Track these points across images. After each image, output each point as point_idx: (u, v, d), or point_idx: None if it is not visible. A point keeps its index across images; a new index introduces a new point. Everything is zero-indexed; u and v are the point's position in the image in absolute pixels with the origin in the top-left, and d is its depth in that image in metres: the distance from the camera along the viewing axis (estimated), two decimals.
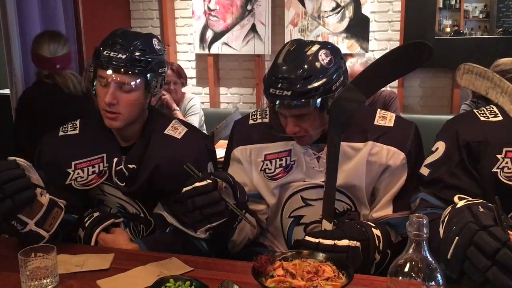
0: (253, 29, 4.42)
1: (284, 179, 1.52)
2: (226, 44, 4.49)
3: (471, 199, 1.17)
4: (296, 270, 1.13)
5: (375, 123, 1.50)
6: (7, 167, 1.31)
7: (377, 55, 4.26)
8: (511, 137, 1.32)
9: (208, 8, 4.52)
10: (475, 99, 3.18)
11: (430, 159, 1.42)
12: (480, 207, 1.08)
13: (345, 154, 1.45)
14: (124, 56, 1.44)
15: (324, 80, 1.38)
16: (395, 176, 1.48)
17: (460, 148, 1.36)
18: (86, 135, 1.60)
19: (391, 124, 1.50)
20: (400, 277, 0.87)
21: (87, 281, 1.22)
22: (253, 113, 1.64)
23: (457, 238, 1.03)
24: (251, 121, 1.62)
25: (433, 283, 0.86)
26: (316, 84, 1.36)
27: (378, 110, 1.57)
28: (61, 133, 1.63)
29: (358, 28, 4.19)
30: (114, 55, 1.44)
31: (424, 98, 4.32)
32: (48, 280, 1.19)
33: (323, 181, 1.45)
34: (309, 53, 1.39)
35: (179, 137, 1.59)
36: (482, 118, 1.40)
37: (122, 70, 1.45)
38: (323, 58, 1.39)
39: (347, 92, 1.39)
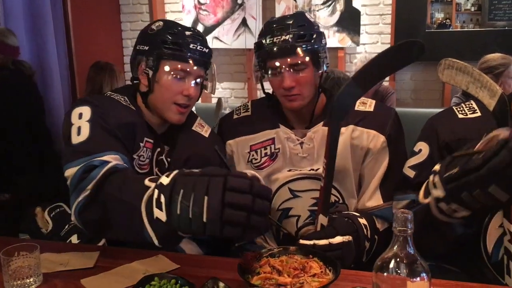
0: (243, 23, 4.40)
1: (270, 168, 1.56)
2: (216, 38, 4.47)
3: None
4: (283, 267, 1.12)
5: (356, 108, 1.55)
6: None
7: (368, 48, 4.26)
8: (489, 132, 1.32)
9: (198, 2, 4.50)
10: (466, 92, 3.18)
11: (414, 161, 1.43)
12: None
13: None
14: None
15: (316, 31, 1.50)
16: (378, 160, 1.52)
17: (441, 149, 1.39)
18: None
19: (371, 109, 1.56)
20: (385, 273, 0.86)
21: (72, 280, 1.20)
22: (237, 109, 1.70)
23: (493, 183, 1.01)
24: (235, 116, 1.68)
25: (418, 278, 0.85)
26: (310, 31, 1.48)
27: None
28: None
29: (349, 21, 4.18)
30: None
31: (415, 92, 4.32)
32: (31, 280, 1.17)
33: (309, 170, 1.52)
34: (297, 13, 1.56)
35: (206, 135, 1.61)
36: (460, 116, 1.41)
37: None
38: (310, 17, 1.56)
39: (348, 87, 1.42)
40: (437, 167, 1.17)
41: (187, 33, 1.48)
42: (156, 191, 1.07)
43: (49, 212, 1.59)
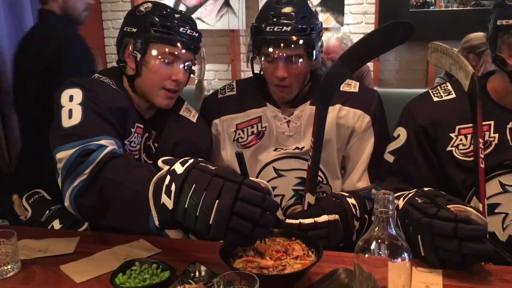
0: (226, 3, 4.33)
1: (257, 146, 1.56)
2: (199, 19, 4.40)
3: (405, 192, 1.27)
4: (265, 250, 1.11)
5: (341, 89, 1.55)
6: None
7: (353, 28, 4.24)
8: (464, 114, 1.34)
9: None
10: (449, 73, 3.19)
11: (393, 146, 1.46)
12: (417, 198, 1.19)
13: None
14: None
15: (316, 24, 1.49)
16: (363, 141, 1.54)
17: (418, 133, 1.41)
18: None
19: (356, 90, 1.58)
20: (367, 254, 0.86)
21: (51, 266, 1.18)
22: (221, 88, 1.69)
23: (419, 236, 1.12)
24: (220, 95, 1.67)
25: (399, 259, 0.84)
26: (312, 24, 1.46)
27: None
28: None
29: (333, 1, 4.14)
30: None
31: (400, 72, 4.32)
32: (9, 267, 1.15)
33: (294, 149, 1.53)
34: (301, 0, 1.51)
35: (194, 120, 1.59)
36: (435, 99, 1.43)
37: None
38: (311, 6, 1.53)
39: (335, 68, 1.44)
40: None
41: (177, 15, 1.45)
42: (168, 177, 1.05)
43: (27, 199, 1.56)
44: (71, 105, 1.32)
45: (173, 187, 1.02)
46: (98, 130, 1.28)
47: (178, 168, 1.05)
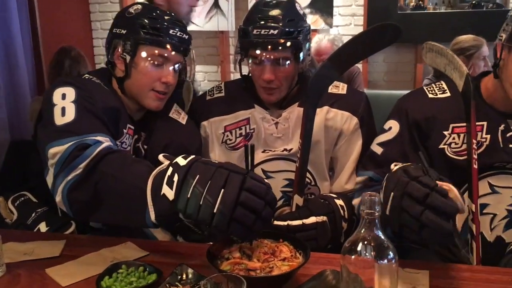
0: (216, 4, 4.33)
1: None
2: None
3: (405, 164, 1.20)
4: (253, 251, 1.11)
5: (329, 91, 1.56)
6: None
7: (342, 30, 4.25)
8: (458, 113, 1.35)
9: None
10: (437, 74, 3.22)
11: (383, 138, 1.45)
12: (412, 166, 1.12)
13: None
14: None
15: (304, 27, 1.49)
16: (351, 142, 1.55)
17: (410, 128, 1.41)
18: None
19: (344, 92, 1.59)
20: (353, 255, 0.86)
21: (36, 269, 1.17)
22: (209, 90, 1.68)
23: (392, 193, 1.05)
24: (208, 97, 1.67)
25: (385, 260, 0.85)
26: (299, 27, 1.46)
27: None
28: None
29: (322, 3, 4.16)
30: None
31: (388, 74, 4.34)
32: None
33: (282, 150, 1.53)
34: (287, 2, 1.51)
35: (184, 122, 1.59)
36: (430, 95, 1.43)
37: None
38: (299, 8, 1.53)
39: (324, 69, 1.44)
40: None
41: (166, 17, 1.45)
42: (171, 168, 1.05)
43: (12, 202, 1.54)
44: (64, 103, 1.30)
45: (175, 178, 1.03)
46: (93, 128, 1.27)
47: (181, 161, 1.06)
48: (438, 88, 1.44)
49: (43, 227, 1.47)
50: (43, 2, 3.56)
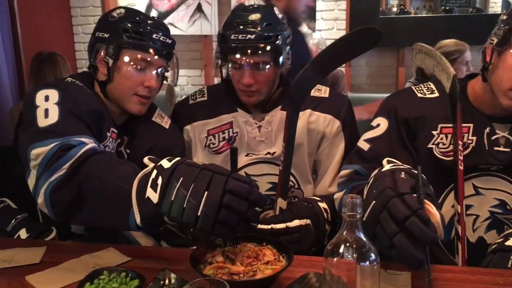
0: (199, 8, 4.32)
1: (229, 152, 1.52)
2: (171, 24, 4.37)
3: (398, 163, 1.19)
4: (236, 255, 1.11)
5: (311, 94, 1.56)
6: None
7: (324, 34, 4.28)
8: (446, 113, 1.35)
9: None
10: (419, 77, 3.26)
11: (370, 134, 1.44)
12: (403, 172, 1.08)
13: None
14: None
15: (282, 31, 1.49)
16: (334, 145, 1.56)
17: (399, 125, 1.40)
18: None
19: (326, 95, 1.60)
20: (335, 258, 0.86)
21: (16, 277, 1.15)
22: (192, 94, 1.68)
23: (374, 202, 1.03)
24: (191, 101, 1.66)
25: (367, 262, 0.85)
26: (277, 32, 1.46)
27: None
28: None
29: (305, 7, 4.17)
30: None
31: (370, 77, 4.38)
32: None
33: (266, 154, 1.54)
34: (266, 7, 1.54)
35: (167, 127, 1.58)
36: (419, 95, 1.43)
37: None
38: (278, 13, 1.53)
39: (306, 72, 1.44)
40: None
41: (149, 22, 1.44)
42: (155, 171, 1.05)
43: None
44: (47, 104, 1.29)
45: (159, 181, 1.02)
46: (77, 129, 1.26)
47: (165, 163, 1.05)
48: (426, 88, 1.45)
49: (23, 233, 1.45)
50: (24, 7, 3.52)
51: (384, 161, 1.21)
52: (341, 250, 0.86)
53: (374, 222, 1.01)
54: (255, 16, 1.46)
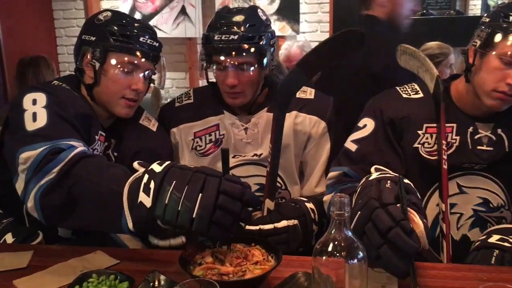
0: (183, 11, 4.32)
1: (216, 154, 1.57)
2: (155, 27, 4.28)
3: (386, 171, 1.20)
4: (225, 256, 1.12)
5: (297, 96, 1.57)
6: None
7: (308, 36, 4.31)
8: (431, 113, 1.38)
9: None
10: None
11: (357, 135, 1.46)
12: (389, 182, 1.08)
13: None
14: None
15: (266, 32, 1.50)
16: (320, 146, 1.57)
17: (385, 125, 1.42)
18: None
19: (312, 97, 1.61)
20: (324, 256, 0.87)
21: (3, 281, 1.14)
22: (178, 97, 1.68)
23: (359, 212, 1.04)
24: (177, 104, 1.66)
25: (355, 260, 0.86)
26: (261, 32, 1.48)
27: None
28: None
29: (289, 10, 4.21)
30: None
31: None
32: None
33: (253, 156, 1.54)
34: (249, 9, 1.55)
35: (154, 129, 1.58)
36: (404, 96, 1.46)
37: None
38: (262, 14, 1.55)
39: (293, 74, 1.45)
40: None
41: (136, 25, 1.44)
42: (147, 175, 1.05)
43: None
44: (35, 108, 1.28)
45: (152, 185, 1.02)
46: (66, 133, 1.25)
47: (156, 167, 1.05)
48: (411, 89, 1.48)
49: (9, 238, 1.43)
50: (4, 10, 3.48)
51: (372, 169, 1.23)
52: (329, 249, 0.87)
53: (360, 233, 1.02)
54: (238, 18, 1.48)
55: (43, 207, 1.17)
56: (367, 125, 1.45)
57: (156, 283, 1.07)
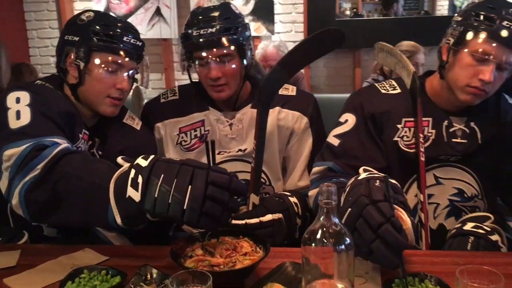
0: (158, 12, 4.32)
1: (201, 149, 1.59)
2: None
3: (374, 171, 1.24)
4: (215, 248, 1.14)
5: (280, 93, 1.61)
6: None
7: (283, 37, 4.36)
8: (408, 108, 1.44)
9: None
10: (375, 77, 3.38)
11: (339, 130, 1.50)
12: (377, 181, 1.11)
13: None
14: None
15: (242, 23, 1.55)
16: (302, 141, 1.62)
17: (366, 120, 1.47)
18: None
19: (294, 93, 1.66)
20: (313, 245, 0.91)
21: None
22: (163, 93, 1.71)
23: (349, 209, 1.07)
24: (162, 100, 1.69)
25: (343, 246, 0.90)
26: (237, 24, 1.52)
27: None
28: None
29: (263, 10, 4.25)
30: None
31: (329, 78, 4.50)
32: None
33: (237, 151, 1.57)
34: (222, 4, 1.58)
35: (138, 128, 1.59)
36: (383, 91, 1.51)
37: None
38: (235, 8, 1.60)
39: (274, 72, 1.49)
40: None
41: (119, 24, 1.46)
42: (133, 170, 1.06)
43: None
44: (19, 106, 1.28)
45: (140, 179, 1.04)
46: (49, 130, 1.26)
47: (142, 162, 1.07)
48: (389, 85, 1.53)
49: None
50: None
51: (361, 170, 1.26)
52: (318, 236, 0.90)
53: (351, 230, 1.04)
54: (213, 13, 1.52)
55: (28, 204, 1.18)
56: (349, 120, 1.49)
57: (149, 276, 1.09)
